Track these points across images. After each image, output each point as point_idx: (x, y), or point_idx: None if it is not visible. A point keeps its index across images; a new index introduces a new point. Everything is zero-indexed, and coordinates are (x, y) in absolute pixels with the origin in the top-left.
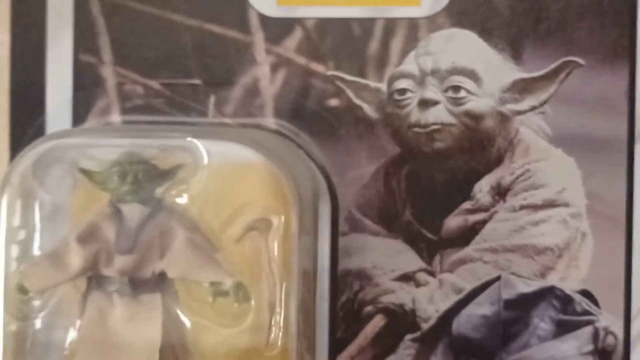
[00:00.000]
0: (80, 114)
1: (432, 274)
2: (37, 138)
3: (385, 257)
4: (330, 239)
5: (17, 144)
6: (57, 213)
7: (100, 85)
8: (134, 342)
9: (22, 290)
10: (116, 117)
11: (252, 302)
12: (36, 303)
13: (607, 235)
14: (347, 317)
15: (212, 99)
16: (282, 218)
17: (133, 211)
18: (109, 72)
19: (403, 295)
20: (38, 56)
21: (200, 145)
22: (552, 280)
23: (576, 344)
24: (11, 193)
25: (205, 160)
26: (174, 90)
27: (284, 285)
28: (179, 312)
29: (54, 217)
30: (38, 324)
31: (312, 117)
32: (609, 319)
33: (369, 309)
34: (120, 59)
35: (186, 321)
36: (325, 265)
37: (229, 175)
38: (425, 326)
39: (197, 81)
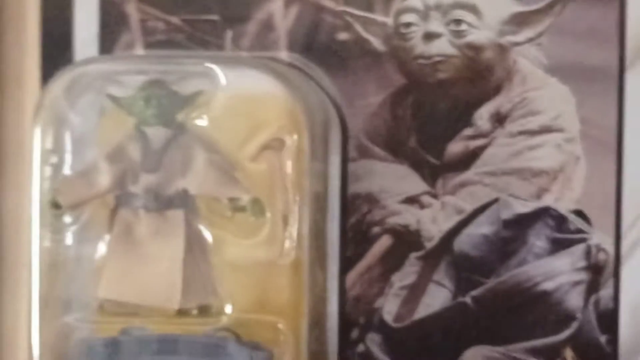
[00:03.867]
0: (106, 48)
1: (435, 196)
2: None
3: (391, 181)
4: (340, 165)
5: (47, 78)
6: (86, 136)
7: (125, 21)
8: (159, 254)
9: (55, 205)
10: (140, 52)
11: (268, 216)
12: (68, 219)
13: (599, 158)
14: (356, 237)
15: (229, 33)
16: (295, 138)
17: (157, 134)
18: (133, 9)
19: (408, 216)
20: None
21: (218, 70)
22: (548, 201)
23: (570, 260)
24: (45, 117)
25: (223, 84)
26: (194, 26)
27: (297, 201)
28: (201, 227)
29: (84, 140)
30: (70, 238)
31: (323, 50)
32: (600, 237)
33: (376, 229)
34: None
35: (207, 235)
36: (336, 188)
37: (245, 98)
38: (428, 245)
39: (215, 17)
